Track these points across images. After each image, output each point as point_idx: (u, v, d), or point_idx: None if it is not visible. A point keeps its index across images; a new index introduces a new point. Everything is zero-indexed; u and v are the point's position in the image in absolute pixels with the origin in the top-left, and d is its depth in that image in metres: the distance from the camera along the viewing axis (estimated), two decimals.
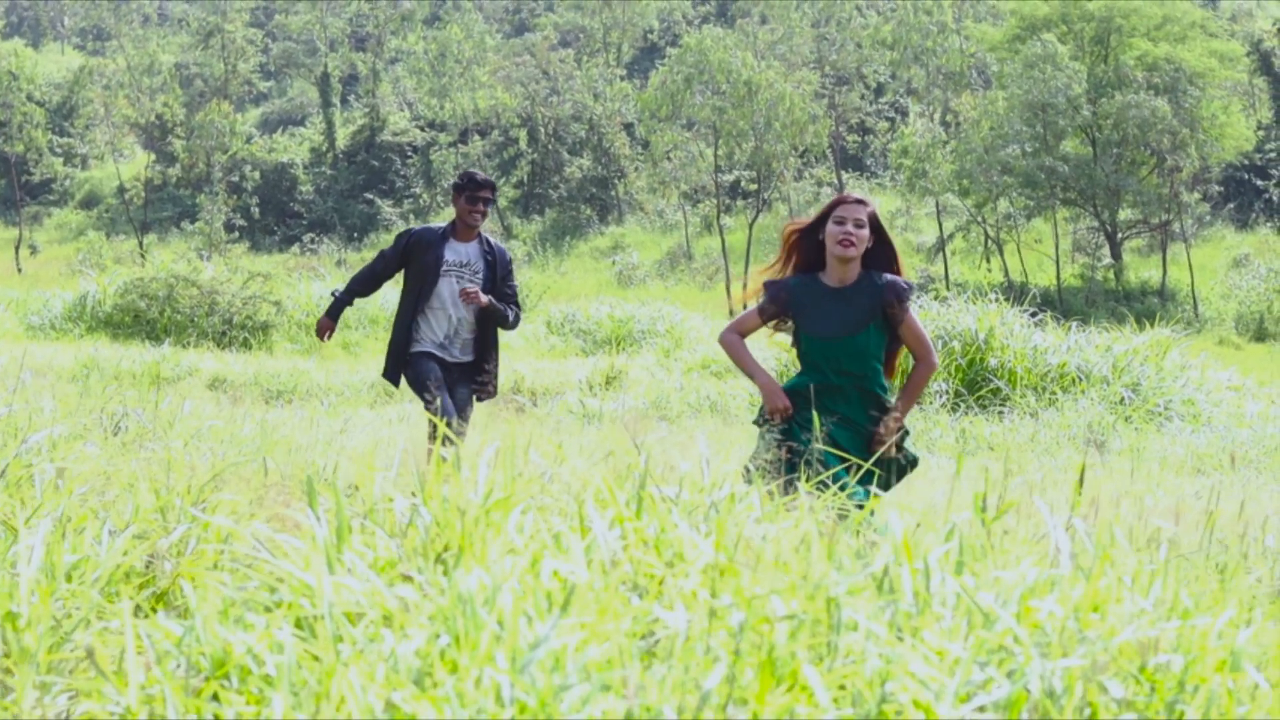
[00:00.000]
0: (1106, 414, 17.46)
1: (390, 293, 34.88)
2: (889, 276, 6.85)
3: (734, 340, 6.94)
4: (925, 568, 2.94)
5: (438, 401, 8.95)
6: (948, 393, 17.74)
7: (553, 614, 2.86)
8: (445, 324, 9.44)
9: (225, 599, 3.05)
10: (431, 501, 3.89)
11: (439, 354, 9.44)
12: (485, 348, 9.58)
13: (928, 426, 16.73)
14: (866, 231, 6.78)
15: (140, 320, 28.45)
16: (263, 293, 29.37)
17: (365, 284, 9.86)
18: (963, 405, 17.54)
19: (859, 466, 6.38)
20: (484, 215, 9.48)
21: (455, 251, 9.47)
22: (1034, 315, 20.20)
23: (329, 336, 9.89)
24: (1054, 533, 3.08)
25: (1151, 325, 23.68)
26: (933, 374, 7.17)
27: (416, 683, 2.72)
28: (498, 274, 9.54)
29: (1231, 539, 4.12)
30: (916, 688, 2.62)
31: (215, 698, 2.79)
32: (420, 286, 9.43)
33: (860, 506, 6.19)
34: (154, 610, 3.96)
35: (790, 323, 6.89)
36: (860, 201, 6.82)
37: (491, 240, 9.67)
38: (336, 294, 9.82)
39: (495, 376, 9.67)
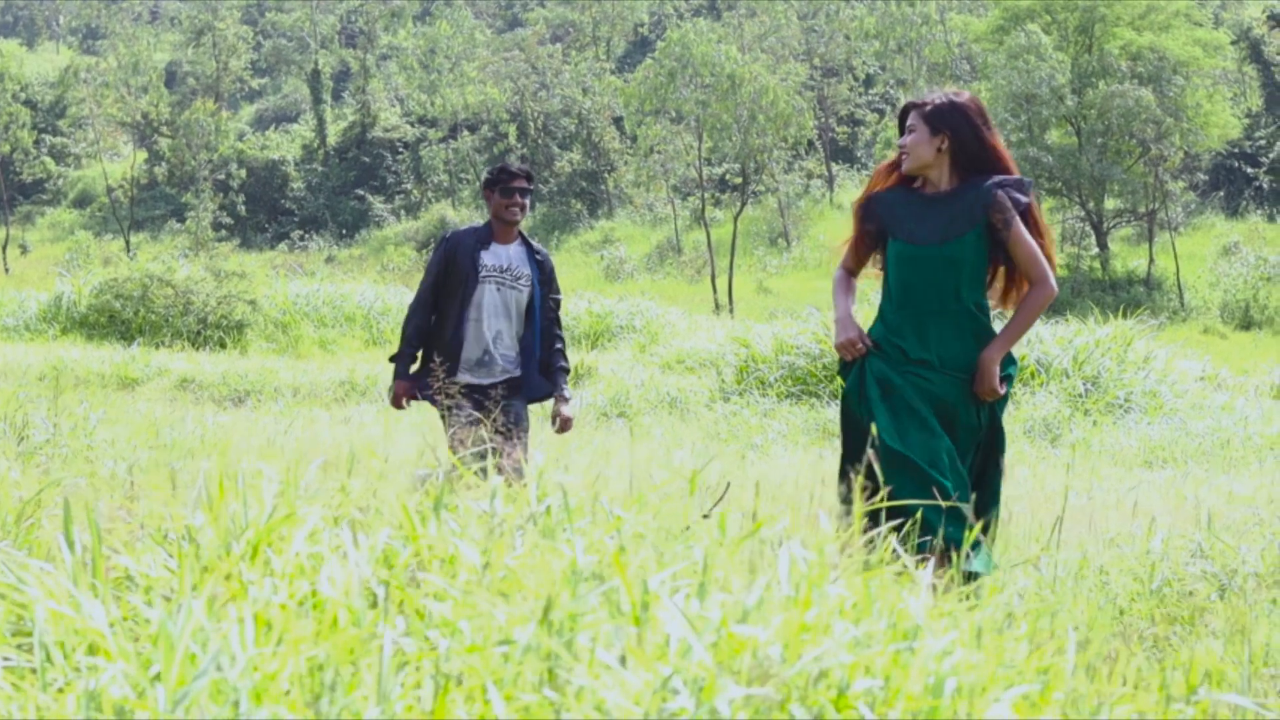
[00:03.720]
0: (1064, 407, 17.44)
1: (369, 290, 34.97)
2: (997, 179, 5.86)
3: (838, 277, 6.15)
4: (644, 590, 2.92)
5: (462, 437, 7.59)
6: None
7: (248, 642, 2.84)
8: (484, 338, 8.24)
9: None
10: (218, 521, 3.87)
11: (475, 379, 8.24)
12: (530, 359, 8.35)
13: None
14: (920, 134, 5.86)
15: (115, 320, 28.42)
16: (238, 292, 29.32)
17: (423, 318, 8.38)
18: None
19: (961, 445, 5.78)
20: (523, 209, 8.29)
21: (495, 255, 8.27)
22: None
23: (409, 402, 8.41)
24: (781, 552, 3.05)
25: (1137, 315, 23.67)
26: (1049, 299, 5.97)
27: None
28: (544, 281, 8.39)
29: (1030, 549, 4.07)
30: (598, 716, 2.60)
31: None
32: (457, 294, 8.22)
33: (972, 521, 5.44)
34: None
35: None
36: (915, 104, 5.96)
37: (534, 242, 8.50)
38: (395, 358, 8.38)
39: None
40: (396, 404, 8.35)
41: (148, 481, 6.07)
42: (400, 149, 74.58)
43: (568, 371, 8.44)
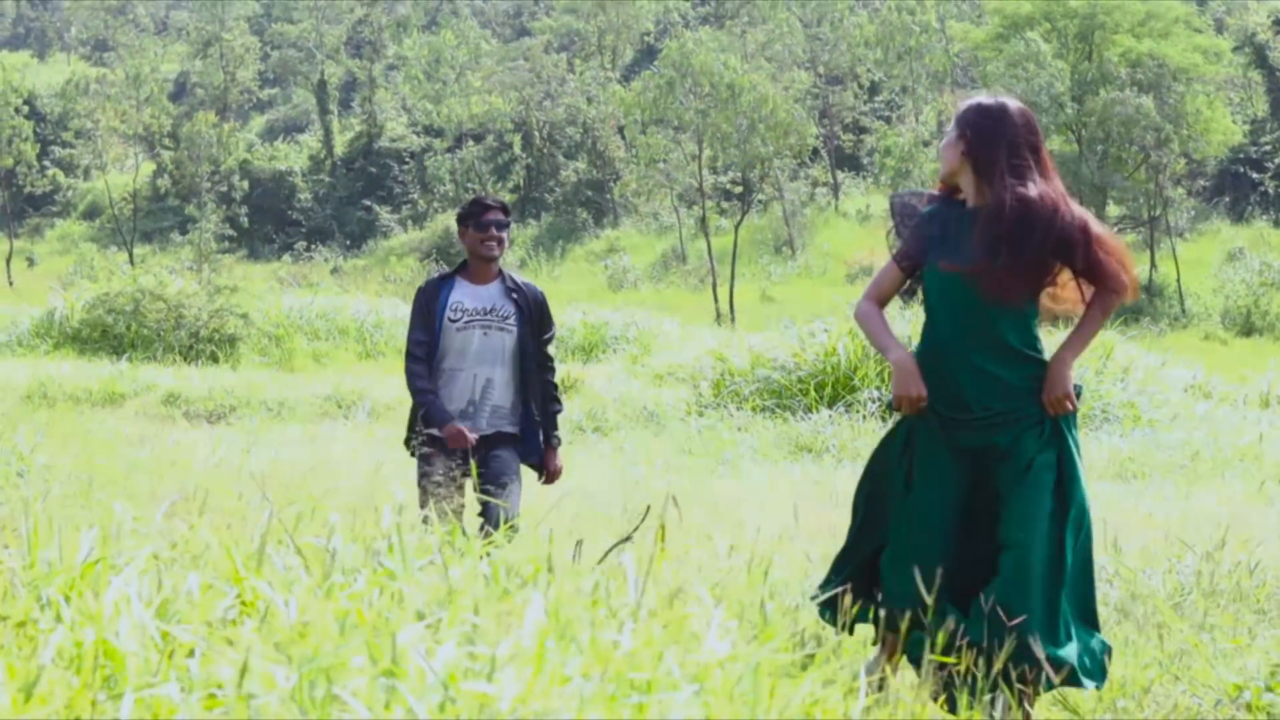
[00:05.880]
0: None
1: (362, 303, 35.02)
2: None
3: (870, 312, 5.47)
4: (392, 642, 2.94)
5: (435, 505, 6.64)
6: (879, 400, 17.69)
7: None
8: (469, 387, 7.45)
9: None
10: (35, 565, 3.90)
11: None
12: (529, 414, 7.56)
13: (853, 435, 16.70)
14: (950, 136, 5.39)
15: (108, 335, 28.44)
16: (230, 305, 29.33)
17: (422, 366, 7.53)
18: (890, 411, 17.48)
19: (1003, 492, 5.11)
20: (501, 244, 7.54)
21: (473, 296, 7.53)
22: None
23: (473, 435, 7.35)
24: (530, 606, 3.06)
25: (1118, 324, 23.63)
26: (1120, 299, 5.34)
27: None
28: (531, 319, 7.58)
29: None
30: None
31: None
32: (435, 344, 7.49)
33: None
34: None
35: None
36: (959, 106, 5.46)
37: (517, 277, 7.70)
38: (427, 412, 7.43)
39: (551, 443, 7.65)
40: (461, 443, 7.27)
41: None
42: (406, 159, 74.68)
43: (560, 412, 7.67)
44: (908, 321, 17.31)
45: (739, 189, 61.41)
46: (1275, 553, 7.18)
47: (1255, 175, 63.06)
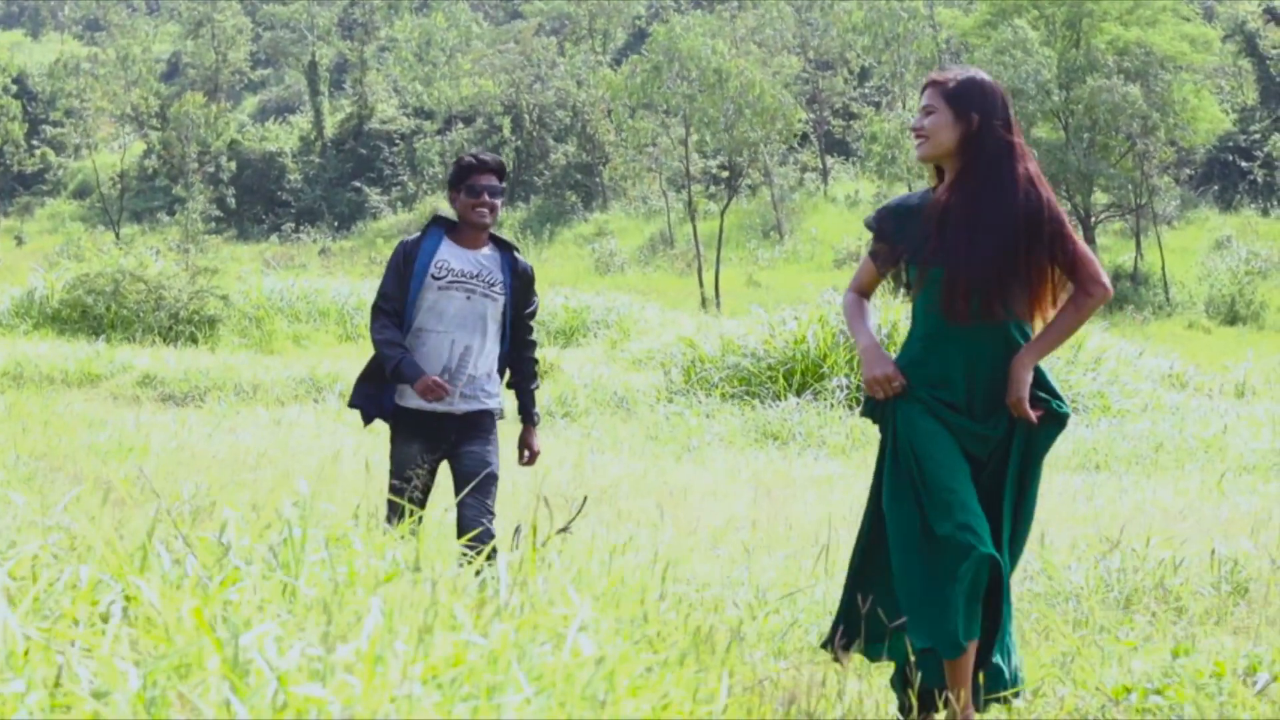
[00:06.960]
0: None
1: (344, 285, 35.01)
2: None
3: (849, 301, 5.28)
4: (235, 641, 2.96)
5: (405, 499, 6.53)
6: (848, 388, 17.72)
7: None
8: (444, 352, 6.84)
9: None
10: None
11: (426, 404, 6.83)
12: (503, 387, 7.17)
13: (820, 423, 16.73)
14: (941, 117, 4.96)
15: (87, 316, 28.39)
16: (210, 287, 29.29)
17: (394, 321, 6.88)
18: (859, 403, 17.49)
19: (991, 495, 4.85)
20: (494, 210, 6.93)
21: (460, 257, 6.93)
22: None
23: (450, 384, 6.81)
24: (369, 615, 3.08)
25: (1122, 310, 23.65)
26: (1096, 303, 4.89)
27: None
28: (518, 291, 7.10)
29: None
30: None
31: None
32: (411, 302, 6.86)
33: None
34: None
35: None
36: (937, 81, 5.04)
37: (509, 245, 7.19)
38: (397, 367, 6.76)
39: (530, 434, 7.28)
40: (438, 394, 6.76)
41: None
42: (396, 141, 74.60)
43: (538, 389, 7.24)
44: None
45: (726, 174, 61.34)
46: (1202, 550, 7.20)
47: (1244, 164, 63.12)
